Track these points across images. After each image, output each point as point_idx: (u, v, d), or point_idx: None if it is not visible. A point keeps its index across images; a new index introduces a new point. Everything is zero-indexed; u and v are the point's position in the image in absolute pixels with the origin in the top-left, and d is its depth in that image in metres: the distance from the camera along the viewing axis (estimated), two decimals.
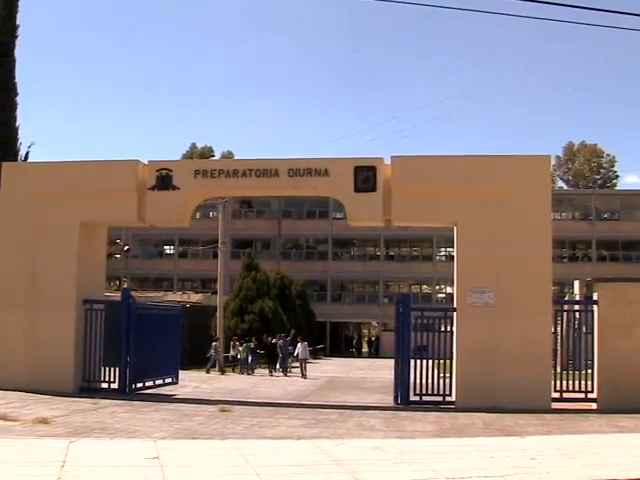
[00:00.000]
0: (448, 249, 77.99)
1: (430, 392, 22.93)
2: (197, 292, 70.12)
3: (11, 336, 24.40)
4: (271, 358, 41.86)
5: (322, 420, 19.10)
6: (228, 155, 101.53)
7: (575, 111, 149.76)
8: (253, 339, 42.69)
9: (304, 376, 37.85)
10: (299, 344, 39.87)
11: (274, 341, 42.61)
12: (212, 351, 42.19)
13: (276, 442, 14.28)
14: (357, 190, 23.38)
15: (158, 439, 14.06)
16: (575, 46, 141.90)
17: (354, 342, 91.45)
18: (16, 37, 56.46)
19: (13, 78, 56.41)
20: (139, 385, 25.08)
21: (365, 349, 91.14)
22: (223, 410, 20.18)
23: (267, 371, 41.02)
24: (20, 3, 56.72)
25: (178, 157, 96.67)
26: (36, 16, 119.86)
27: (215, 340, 43.34)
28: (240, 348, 41.91)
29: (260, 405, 22.90)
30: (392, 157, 23.63)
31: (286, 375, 39.30)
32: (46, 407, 19.67)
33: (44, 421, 16.42)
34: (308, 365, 40.27)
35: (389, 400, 23.70)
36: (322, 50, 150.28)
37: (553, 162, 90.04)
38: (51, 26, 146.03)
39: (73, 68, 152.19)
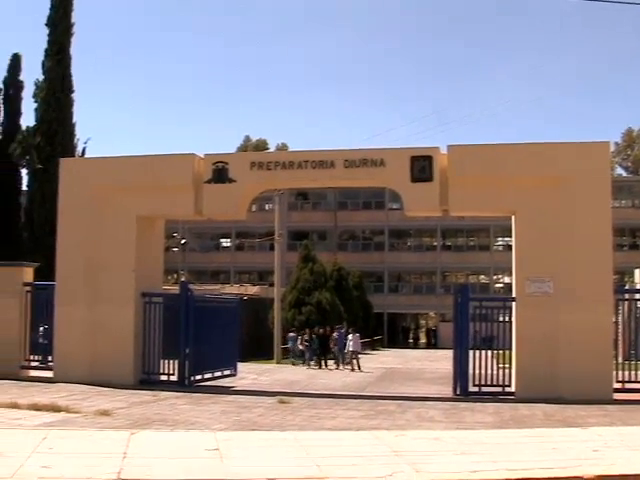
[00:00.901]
0: (505, 238, 77.34)
1: (489, 383, 22.76)
2: (254, 284, 70.35)
3: (72, 330, 24.72)
4: (323, 351, 40.43)
5: (381, 411, 19.05)
6: (282, 147, 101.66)
7: (634, 96, 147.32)
8: (306, 331, 42.15)
9: (354, 369, 36.70)
10: (350, 336, 38.70)
11: (327, 333, 41.68)
12: (291, 343, 42.23)
13: (335, 433, 14.25)
14: (413, 180, 23.24)
15: (218, 431, 14.11)
16: (632, 29, 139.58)
17: (411, 333, 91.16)
18: (72, 35, 57.17)
19: (69, 75, 57.15)
20: (198, 377, 25.23)
21: (422, 340, 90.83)
22: (282, 402, 20.21)
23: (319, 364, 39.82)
24: (75, 1, 57.52)
25: (233, 150, 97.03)
26: (91, 11, 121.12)
27: (291, 331, 43.21)
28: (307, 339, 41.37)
29: (319, 396, 22.89)
30: (448, 146, 23.43)
31: (338, 368, 38.20)
32: (107, 399, 19.89)
33: (105, 413, 16.60)
34: (361, 357, 39.58)
35: (448, 391, 23.54)
36: (374, 41, 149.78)
37: (612, 149, 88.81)
38: (106, 21, 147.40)
39: (128, 63, 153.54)
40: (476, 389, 22.65)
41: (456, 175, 22.92)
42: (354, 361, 37.48)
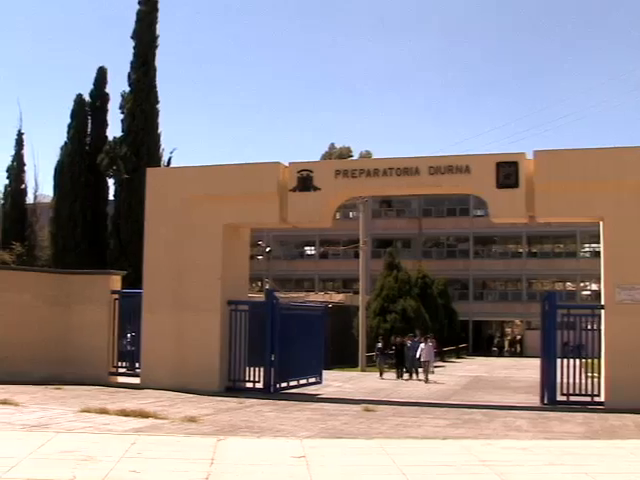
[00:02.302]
0: (592, 245, 76.05)
1: (578, 392, 22.37)
2: (339, 292, 70.36)
3: (159, 337, 25.06)
4: (399, 360, 38.03)
5: (467, 420, 18.87)
6: (366, 155, 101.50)
7: None
8: (379, 339, 41.29)
9: (426, 380, 34.52)
10: (421, 344, 36.68)
11: (402, 342, 38.91)
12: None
13: (422, 442, 14.16)
14: (499, 186, 23.00)
15: (304, 438, 14.14)
16: None
17: (496, 341, 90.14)
18: (156, 47, 58.22)
19: (154, 87, 58.16)
20: (283, 385, 25.33)
21: (508, 348, 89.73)
22: (367, 409, 20.16)
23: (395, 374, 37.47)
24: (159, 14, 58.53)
25: (317, 158, 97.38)
26: (175, 23, 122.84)
27: (379, 341, 40.93)
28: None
29: (404, 404, 22.80)
30: (534, 152, 23.13)
31: (411, 378, 36.16)
32: (193, 406, 20.09)
33: (192, 419, 16.76)
34: (444, 365, 38.17)
35: (535, 400, 23.23)
36: (459, 46, 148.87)
37: None
38: (189, 32, 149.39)
39: (212, 73, 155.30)
40: (564, 398, 22.28)
41: (542, 181, 22.61)
42: (424, 371, 35.51)
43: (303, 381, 26.82)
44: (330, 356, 34.30)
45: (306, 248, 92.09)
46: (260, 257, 76.66)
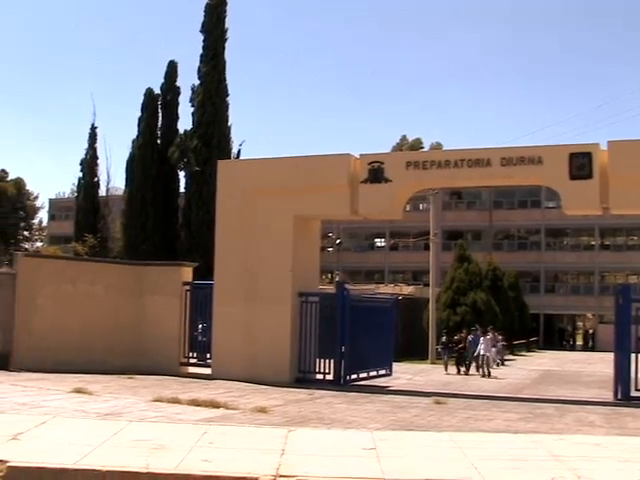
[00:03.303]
0: None
1: None
2: (409, 284, 70.10)
3: (230, 328, 25.25)
4: (460, 355, 37.10)
5: (539, 414, 18.64)
6: (437, 146, 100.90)
7: None
8: (443, 332, 40.63)
9: (486, 375, 33.73)
10: (481, 339, 35.66)
11: (464, 336, 38.09)
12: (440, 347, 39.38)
13: (493, 436, 14.00)
14: (572, 178, 22.64)
15: (374, 430, 14.09)
16: None
17: (568, 335, 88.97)
18: (225, 40, 58.57)
19: (224, 79, 58.52)
20: (353, 376, 25.32)
21: (579, 342, 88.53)
22: (438, 402, 20.08)
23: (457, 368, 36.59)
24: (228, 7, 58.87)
25: (388, 150, 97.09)
26: (244, 15, 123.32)
27: (445, 333, 39.95)
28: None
29: (474, 398, 22.65)
30: (608, 142, 22.72)
31: (468, 372, 35.24)
32: (264, 397, 20.19)
33: (262, 410, 16.84)
34: (511, 360, 37.06)
35: (608, 395, 22.87)
36: (528, 36, 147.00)
37: None
38: (258, 24, 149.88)
39: (281, 65, 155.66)
40: (638, 394, 21.89)
41: (617, 172, 22.19)
42: (484, 366, 34.57)
43: (373, 373, 26.79)
44: (400, 348, 34.15)
45: (376, 240, 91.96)
46: (330, 249, 76.74)
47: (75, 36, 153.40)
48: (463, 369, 35.79)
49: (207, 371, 25.74)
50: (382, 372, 27.39)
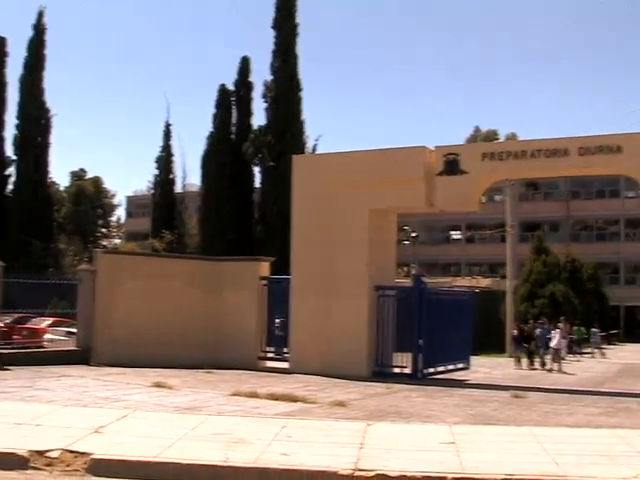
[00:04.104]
0: None
1: None
2: (485, 277, 69.53)
3: (307, 322, 25.31)
4: (530, 348, 35.70)
5: (621, 409, 18.25)
6: (512, 137, 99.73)
7: None
8: (514, 325, 39.45)
9: (557, 370, 32.50)
10: (552, 331, 34.66)
11: (531, 329, 37.05)
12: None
13: (574, 430, 13.76)
14: None
15: (452, 424, 13.98)
16: None
17: None
18: (297, 35, 58.75)
19: (297, 75, 58.72)
20: (431, 370, 25.19)
21: None
22: (516, 396, 19.83)
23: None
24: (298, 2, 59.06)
25: (462, 141, 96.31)
26: (315, 10, 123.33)
27: (516, 326, 38.59)
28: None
29: (553, 392, 22.33)
30: None
31: (534, 368, 33.96)
32: (341, 390, 20.18)
33: (340, 404, 16.83)
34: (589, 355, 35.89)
35: None
36: (603, 20, 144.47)
37: None
38: (328, 19, 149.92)
39: (353, 57, 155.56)
40: None
41: None
42: (555, 360, 33.42)
43: (450, 367, 26.60)
44: (477, 342, 33.85)
45: (452, 233, 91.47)
46: (406, 242, 76.44)
47: (149, 35, 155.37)
48: (537, 364, 34.66)
49: (285, 365, 25.87)
50: (460, 366, 27.18)
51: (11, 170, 70.24)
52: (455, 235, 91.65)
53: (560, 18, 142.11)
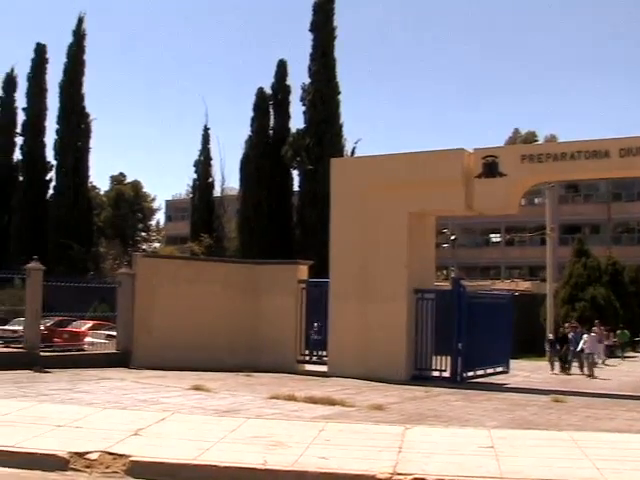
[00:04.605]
0: None
1: None
2: (525, 280, 69.04)
3: (346, 326, 25.28)
4: (561, 352, 34.81)
5: None
6: (551, 139, 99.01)
7: None
8: (551, 328, 38.94)
9: (589, 375, 31.61)
10: (585, 335, 33.58)
11: (565, 333, 35.85)
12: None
13: (615, 435, 13.60)
14: None
15: (491, 428, 13.87)
16: None
17: None
18: (334, 38, 58.77)
19: (335, 77, 58.73)
20: (470, 374, 25.07)
21: None
22: (556, 400, 19.65)
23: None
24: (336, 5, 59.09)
25: (501, 144, 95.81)
26: (352, 13, 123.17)
27: (553, 330, 37.96)
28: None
29: (594, 396, 22.10)
30: None
31: (568, 373, 33.04)
32: (380, 394, 20.12)
33: (379, 407, 16.77)
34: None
35: None
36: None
37: None
38: (365, 21, 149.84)
39: (391, 59, 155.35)
40: None
41: None
42: (588, 365, 32.56)
43: (490, 370, 26.45)
44: (516, 345, 33.59)
45: (491, 235, 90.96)
46: (445, 245, 76.25)
47: (186, 39, 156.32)
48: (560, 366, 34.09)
49: (323, 369, 25.85)
50: (499, 369, 27.02)
51: (52, 175, 71.04)
52: (494, 238, 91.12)
53: (599, 17, 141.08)
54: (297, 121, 61.86)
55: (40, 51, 71.87)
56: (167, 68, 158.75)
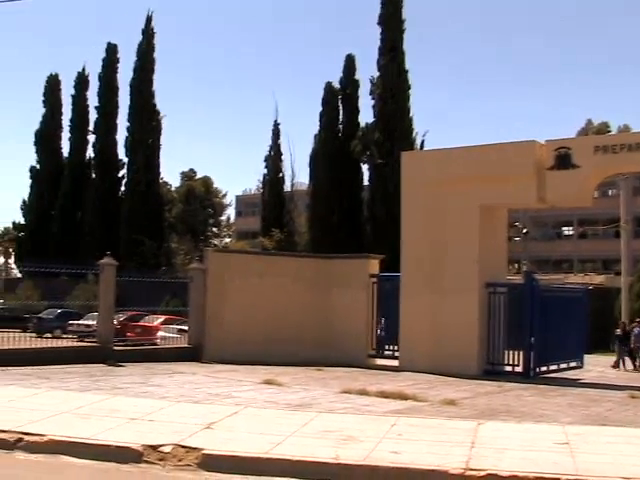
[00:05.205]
0: None
1: None
2: (599, 273, 68.02)
3: (417, 320, 25.15)
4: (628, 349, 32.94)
5: None
6: (624, 129, 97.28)
7: None
8: (619, 324, 37.79)
9: None
10: (636, 329, 32.29)
11: (627, 329, 34.47)
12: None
13: None
14: None
15: (566, 424, 13.66)
16: None
17: None
18: (403, 31, 58.46)
19: (404, 71, 58.49)
20: (543, 369, 24.73)
21: None
22: (633, 396, 19.30)
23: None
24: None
25: (573, 135, 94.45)
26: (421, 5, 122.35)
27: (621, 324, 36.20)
28: None
29: None
30: None
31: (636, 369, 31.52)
32: (451, 389, 19.99)
33: (451, 402, 16.65)
34: None
35: None
36: None
37: None
38: (436, 14, 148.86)
39: (461, 51, 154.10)
40: None
41: None
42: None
43: (563, 365, 26.07)
44: (590, 340, 32.95)
45: (564, 228, 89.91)
46: (517, 238, 75.41)
47: (254, 34, 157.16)
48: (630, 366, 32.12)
49: (394, 363, 25.74)
50: (573, 364, 26.62)
51: (123, 172, 72.08)
52: (567, 231, 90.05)
53: None
54: (366, 115, 61.82)
55: (111, 51, 72.95)
56: (236, 64, 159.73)
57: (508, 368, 24.54)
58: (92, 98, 74.18)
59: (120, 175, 72.46)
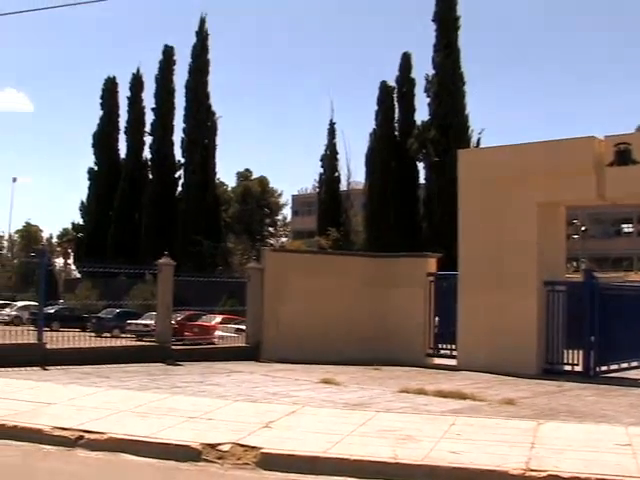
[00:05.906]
0: None
1: None
2: None
3: (475, 319, 24.96)
4: None
5: None
6: None
7: None
8: None
9: None
10: None
11: None
12: None
13: None
14: None
15: (628, 425, 13.44)
16: None
17: None
18: (458, 28, 58.22)
19: (459, 68, 58.18)
20: (603, 368, 24.35)
21: None
22: None
23: None
24: None
25: (633, 130, 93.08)
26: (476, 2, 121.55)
27: None
28: None
29: None
30: None
31: None
32: (510, 388, 19.80)
33: (510, 402, 16.48)
34: None
35: None
36: None
37: None
38: (491, 11, 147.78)
39: (519, 46, 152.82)
40: None
41: None
42: None
43: (624, 365, 25.63)
44: None
45: (623, 225, 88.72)
46: (575, 236, 74.69)
47: (309, 34, 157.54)
48: None
49: (453, 362, 25.59)
50: (634, 364, 26.19)
51: (180, 172, 72.71)
52: (627, 228, 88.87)
53: None
54: (422, 113, 61.56)
55: (167, 53, 73.67)
56: (292, 63, 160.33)
57: (567, 368, 24.21)
58: (148, 99, 75.06)
59: (177, 176, 73.13)
